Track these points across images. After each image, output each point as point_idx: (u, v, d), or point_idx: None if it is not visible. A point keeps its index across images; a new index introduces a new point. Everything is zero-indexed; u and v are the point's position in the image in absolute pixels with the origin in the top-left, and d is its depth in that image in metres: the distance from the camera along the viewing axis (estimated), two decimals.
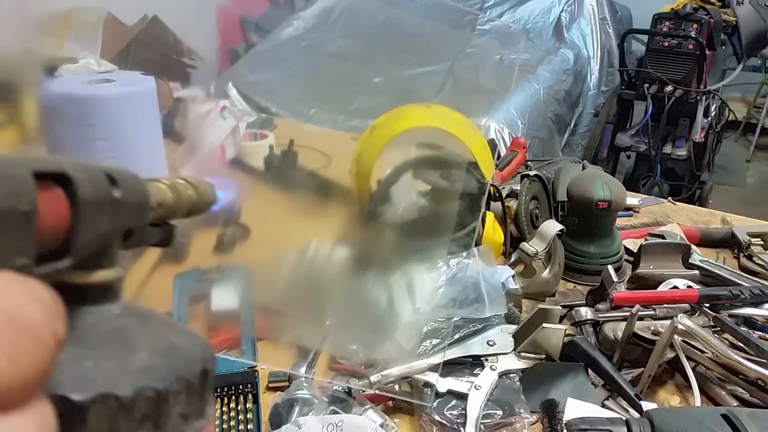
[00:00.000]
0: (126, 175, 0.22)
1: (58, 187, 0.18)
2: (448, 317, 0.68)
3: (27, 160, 0.17)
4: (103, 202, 0.20)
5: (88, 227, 0.19)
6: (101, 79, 0.94)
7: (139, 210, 0.23)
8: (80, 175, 0.19)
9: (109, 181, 0.21)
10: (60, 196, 0.18)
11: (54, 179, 0.18)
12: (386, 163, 0.87)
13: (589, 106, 2.77)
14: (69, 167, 0.19)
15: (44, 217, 0.17)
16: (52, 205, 0.18)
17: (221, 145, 1.06)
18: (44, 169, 0.18)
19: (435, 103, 0.92)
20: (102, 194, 0.20)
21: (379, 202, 0.83)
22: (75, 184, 0.19)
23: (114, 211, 0.21)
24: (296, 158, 1.10)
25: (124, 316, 0.21)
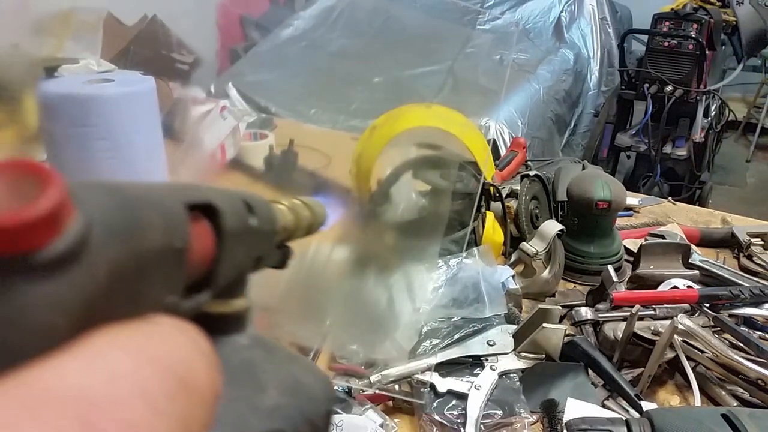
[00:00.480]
0: (259, 201, 0.22)
1: (204, 218, 0.18)
2: (448, 317, 0.68)
3: (177, 190, 0.17)
4: (242, 231, 0.20)
5: (229, 258, 0.19)
6: (101, 79, 0.94)
7: (270, 236, 0.23)
8: (224, 204, 0.19)
9: (247, 209, 0.21)
10: (207, 228, 0.18)
11: (201, 210, 0.18)
12: (386, 163, 0.87)
13: (589, 106, 2.77)
14: (215, 197, 0.19)
15: (192, 252, 0.17)
16: (201, 239, 0.18)
17: (221, 145, 1.06)
18: (194, 200, 0.17)
19: (435, 103, 0.92)
20: (242, 223, 0.20)
21: (379, 202, 0.83)
22: (221, 216, 0.18)
23: (250, 240, 0.21)
24: (296, 158, 1.10)
25: (251, 347, 0.20)
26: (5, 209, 0.12)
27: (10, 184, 0.12)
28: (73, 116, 0.86)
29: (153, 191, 0.16)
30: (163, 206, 0.16)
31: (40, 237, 0.12)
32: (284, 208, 0.25)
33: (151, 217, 0.15)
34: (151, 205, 0.15)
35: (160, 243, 0.15)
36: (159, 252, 0.15)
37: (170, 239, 0.15)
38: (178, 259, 0.16)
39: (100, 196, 0.14)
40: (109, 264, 0.13)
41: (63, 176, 0.13)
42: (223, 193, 0.20)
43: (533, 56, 2.60)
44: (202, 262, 0.18)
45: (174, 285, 0.16)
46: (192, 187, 0.18)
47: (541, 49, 2.69)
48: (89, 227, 0.13)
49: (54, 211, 0.12)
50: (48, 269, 0.12)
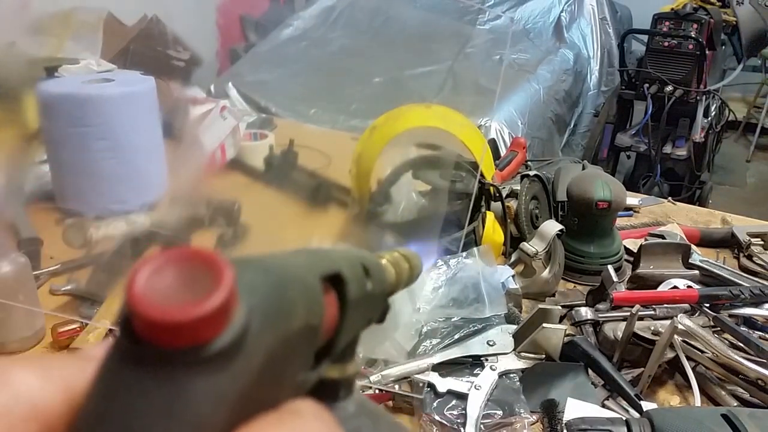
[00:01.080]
0: (374, 264, 0.22)
1: (332, 288, 0.18)
2: (448, 317, 0.68)
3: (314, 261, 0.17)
4: (362, 297, 0.20)
5: (350, 326, 0.19)
6: (101, 79, 0.94)
7: (383, 299, 0.23)
8: (349, 273, 0.18)
9: (365, 273, 0.20)
10: (333, 299, 0.18)
11: (329, 279, 0.18)
12: (386, 163, 0.87)
13: (589, 106, 2.77)
14: (342, 264, 0.18)
15: (326, 322, 0.17)
16: (329, 310, 0.17)
17: (221, 145, 1.06)
18: (327, 272, 0.17)
19: (435, 103, 0.92)
20: (362, 290, 0.20)
21: (379, 202, 0.83)
22: (347, 286, 0.18)
23: (365, 305, 0.21)
24: (296, 158, 1.10)
25: (358, 415, 0.20)
26: (179, 301, 0.12)
27: (183, 274, 0.12)
28: (73, 116, 0.86)
29: (294, 265, 0.16)
30: (304, 283, 0.16)
31: (209, 331, 0.12)
32: (387, 263, 0.25)
33: (296, 297, 0.15)
34: (295, 282, 0.15)
35: (303, 323, 0.15)
36: (301, 332, 0.15)
37: (310, 318, 0.15)
38: (314, 335, 0.16)
39: (257, 278, 0.14)
40: (265, 351, 0.13)
41: (231, 266, 0.13)
42: (347, 258, 0.19)
43: (533, 56, 2.60)
44: (327, 333, 0.18)
45: (307, 361, 0.16)
46: (324, 255, 0.18)
47: (541, 49, 2.69)
48: (251, 317, 0.13)
49: (224, 306, 0.12)
50: (214, 362, 0.12)
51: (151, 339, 0.12)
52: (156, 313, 0.12)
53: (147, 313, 0.12)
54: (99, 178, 0.89)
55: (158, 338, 0.12)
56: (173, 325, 0.12)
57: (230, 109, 1.12)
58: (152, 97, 0.93)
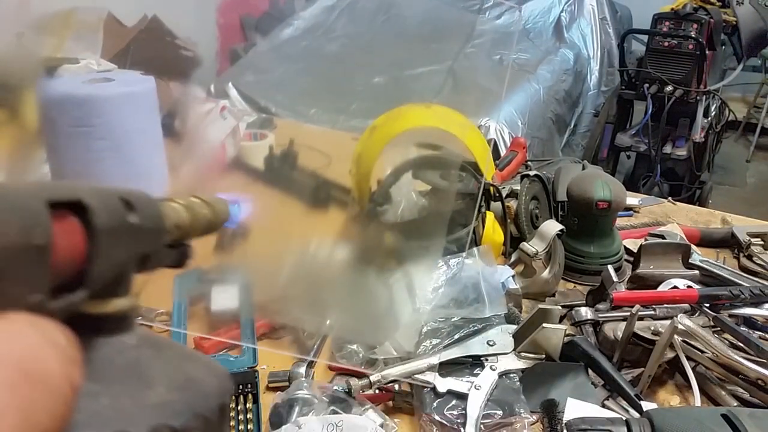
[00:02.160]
0: (142, 198, 0.22)
1: (73, 215, 0.18)
2: (448, 317, 0.68)
3: (40, 188, 0.17)
4: (119, 228, 0.19)
5: (104, 256, 0.18)
6: (101, 79, 0.94)
7: (156, 234, 0.23)
8: (96, 201, 0.18)
9: (125, 206, 0.20)
10: (75, 225, 0.18)
11: (69, 207, 0.18)
12: (386, 163, 0.87)
13: (589, 106, 2.77)
14: (84, 194, 0.18)
15: (59, 249, 0.16)
16: (68, 236, 0.17)
17: (221, 145, 1.06)
18: (58, 197, 0.17)
19: (435, 103, 0.92)
20: (118, 221, 0.19)
21: (379, 202, 0.83)
22: (91, 212, 0.18)
23: (130, 238, 0.20)
24: (296, 158, 1.10)
25: (139, 347, 0.20)
26: None
27: None
28: (73, 116, 0.86)
29: (9, 191, 0.16)
30: (19, 205, 0.15)
31: None
32: (178, 206, 0.25)
33: (3, 216, 0.15)
34: (4, 204, 0.15)
35: (16, 241, 0.15)
36: (16, 250, 0.15)
37: (28, 236, 0.15)
38: (39, 256, 0.16)
39: None
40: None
41: None
42: (95, 190, 0.19)
43: (533, 56, 2.60)
44: (72, 261, 0.17)
45: (37, 283, 0.16)
46: (58, 185, 0.18)
47: (541, 49, 2.69)
48: None
49: None
50: None
51: None
52: None
53: None
54: (99, 178, 0.89)
55: None
56: None
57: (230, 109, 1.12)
58: (152, 96, 0.93)
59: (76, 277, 0.18)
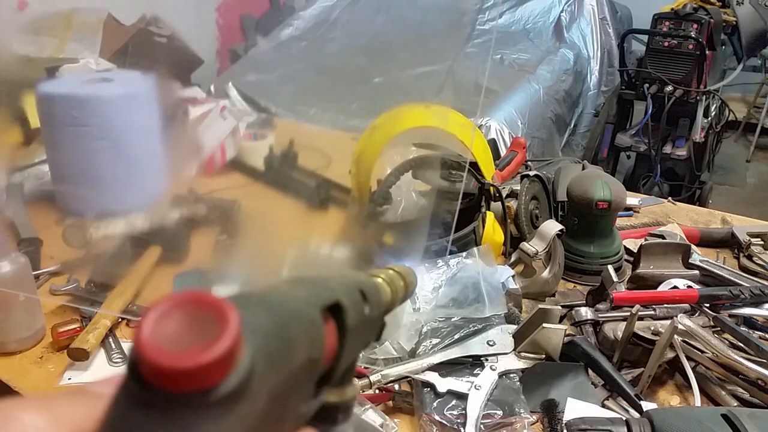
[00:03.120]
0: (371, 287, 0.22)
1: (331, 317, 0.18)
2: (448, 317, 0.68)
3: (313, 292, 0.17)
4: (360, 324, 0.20)
5: (349, 351, 0.19)
6: (100, 79, 0.94)
7: (379, 321, 0.23)
8: (347, 299, 0.18)
9: (362, 298, 0.20)
10: (333, 329, 0.18)
11: (329, 309, 0.18)
12: (386, 163, 0.87)
13: (589, 106, 2.77)
14: (341, 294, 0.18)
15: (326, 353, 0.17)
16: (328, 340, 0.17)
17: (221, 145, 1.06)
18: (326, 302, 0.17)
19: (435, 103, 0.92)
20: (360, 316, 0.20)
21: (379, 202, 0.83)
22: (346, 314, 0.18)
23: (365, 330, 0.21)
24: (296, 158, 1.10)
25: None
26: (186, 347, 0.12)
27: (190, 319, 0.13)
28: (72, 116, 0.86)
29: (294, 299, 0.16)
30: (304, 317, 0.15)
31: (216, 375, 0.12)
32: (382, 282, 0.25)
33: (298, 334, 0.15)
34: (296, 318, 0.15)
35: (305, 358, 0.15)
36: (303, 366, 0.15)
37: (311, 352, 0.15)
38: (315, 367, 0.16)
39: (260, 319, 0.14)
40: (269, 390, 0.13)
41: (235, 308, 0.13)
42: (345, 285, 0.19)
43: (533, 56, 2.60)
44: (328, 362, 0.18)
45: (309, 392, 0.16)
46: (323, 284, 0.18)
47: (541, 49, 2.69)
48: (255, 358, 0.13)
49: (230, 351, 0.12)
50: (220, 405, 0.12)
51: (159, 384, 0.12)
52: (164, 359, 0.12)
53: (155, 359, 0.12)
54: (98, 178, 0.89)
55: (166, 383, 0.12)
56: (181, 371, 0.12)
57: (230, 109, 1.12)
58: (152, 96, 0.93)
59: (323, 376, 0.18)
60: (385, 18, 2.87)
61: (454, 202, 0.79)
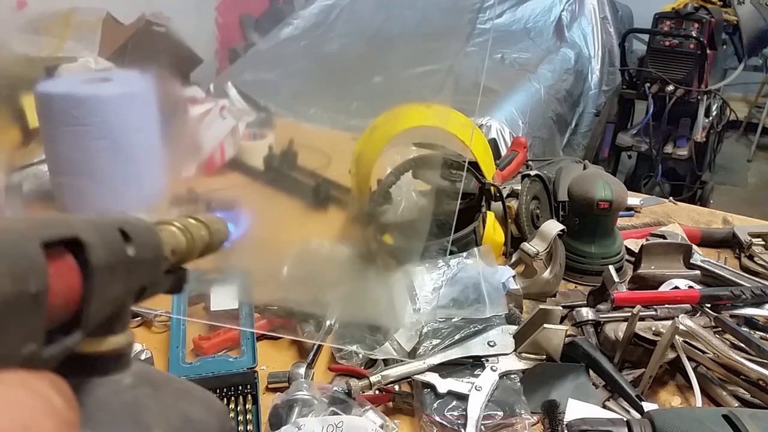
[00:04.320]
0: (139, 226, 0.20)
1: (68, 253, 0.16)
2: (449, 317, 0.68)
3: (34, 226, 0.16)
4: (117, 264, 0.18)
5: (101, 294, 0.17)
6: (99, 78, 0.93)
7: (154, 264, 0.21)
8: (93, 237, 0.17)
9: (123, 237, 0.19)
10: (71, 265, 0.16)
11: (64, 244, 0.16)
12: (386, 163, 0.86)
13: (590, 105, 2.76)
14: (81, 229, 0.17)
15: (54, 293, 0.15)
16: (63, 278, 0.16)
17: (220, 145, 1.06)
18: (54, 236, 0.16)
19: (435, 103, 0.92)
20: (116, 255, 0.18)
21: (379, 202, 0.83)
22: (88, 250, 0.17)
23: (128, 271, 0.19)
24: (296, 158, 1.09)
25: (135, 386, 0.19)
26: None
27: None
28: (71, 115, 0.86)
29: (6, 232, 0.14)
30: (11, 249, 0.14)
31: None
32: (175, 230, 0.24)
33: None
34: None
35: (9, 291, 0.13)
36: (9, 301, 0.13)
37: (23, 285, 0.14)
38: (34, 304, 0.14)
39: None
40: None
41: None
42: (92, 223, 0.18)
43: (534, 55, 2.60)
44: (68, 302, 0.16)
45: (32, 332, 0.15)
46: (53, 221, 0.16)
47: (542, 48, 2.69)
48: None
49: None
50: None
51: None
52: None
53: None
54: (98, 178, 0.89)
55: None
56: None
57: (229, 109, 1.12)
58: (151, 96, 0.93)
59: (70, 318, 0.17)
60: (385, 17, 2.86)
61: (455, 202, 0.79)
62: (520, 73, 2.45)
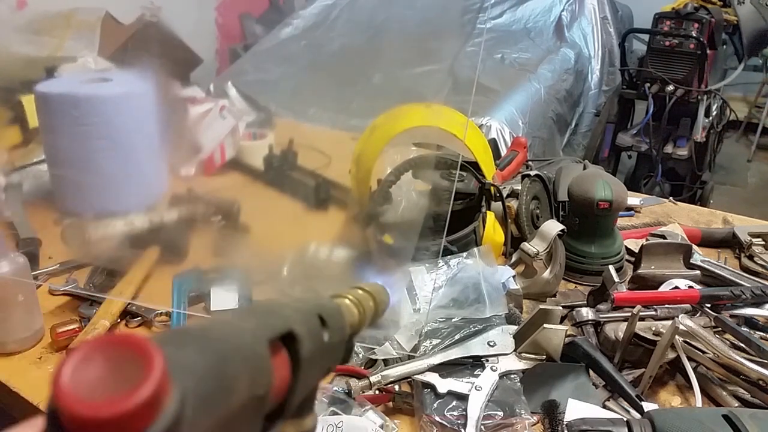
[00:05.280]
0: (332, 311, 0.21)
1: (283, 347, 0.17)
2: (449, 317, 0.68)
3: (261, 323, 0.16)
4: (317, 351, 0.19)
5: (305, 382, 0.18)
6: (99, 79, 0.93)
7: (341, 345, 0.22)
8: (302, 327, 0.17)
9: (321, 324, 0.19)
10: (285, 358, 0.17)
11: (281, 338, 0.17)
12: (386, 163, 0.86)
13: (590, 105, 2.76)
14: (294, 321, 0.17)
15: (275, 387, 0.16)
16: (279, 372, 0.17)
17: (220, 145, 1.06)
18: (277, 333, 0.16)
19: (435, 103, 0.92)
20: (317, 343, 0.19)
21: (379, 202, 0.83)
22: (300, 343, 0.17)
23: (323, 356, 0.19)
24: (296, 158, 1.10)
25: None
26: (106, 394, 0.11)
27: (111, 363, 0.12)
28: (71, 115, 0.86)
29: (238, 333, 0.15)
30: (248, 352, 0.15)
31: (140, 423, 0.12)
32: (350, 304, 0.24)
33: (238, 371, 0.14)
34: (238, 353, 0.14)
35: (246, 397, 0.14)
36: (245, 405, 0.14)
37: (255, 389, 0.15)
38: (260, 405, 0.15)
39: (192, 358, 0.13)
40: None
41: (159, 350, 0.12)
42: (300, 312, 0.18)
43: (534, 55, 2.60)
44: (279, 395, 0.17)
45: (255, 428, 0.15)
46: (275, 313, 0.17)
47: (542, 48, 2.69)
48: (185, 402, 0.12)
49: (153, 397, 0.12)
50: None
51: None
52: (83, 408, 0.11)
53: (74, 408, 0.11)
54: (97, 178, 0.89)
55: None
56: (101, 421, 0.11)
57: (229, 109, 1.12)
58: (150, 96, 0.93)
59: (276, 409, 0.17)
60: (385, 17, 2.86)
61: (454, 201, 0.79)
62: (520, 73, 2.45)
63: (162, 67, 0.89)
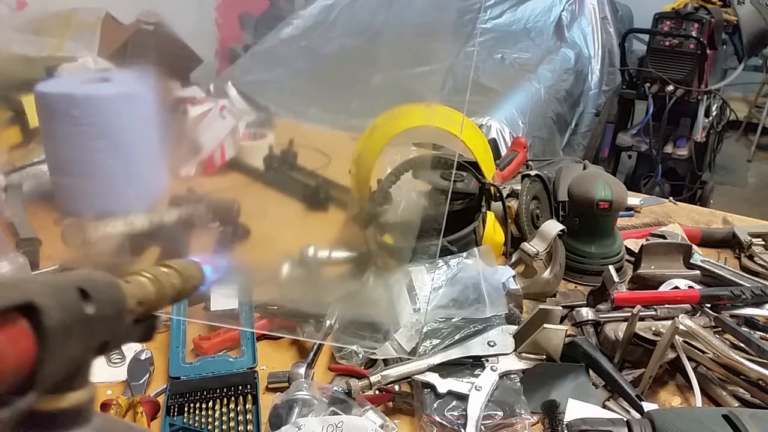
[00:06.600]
0: (101, 283, 0.20)
1: (22, 318, 0.17)
2: (449, 317, 0.68)
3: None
4: (73, 324, 0.18)
5: (57, 355, 0.17)
6: (99, 79, 0.93)
7: (116, 320, 0.22)
8: (48, 299, 0.17)
9: (81, 296, 0.19)
10: (24, 330, 0.17)
11: (19, 310, 0.17)
12: (386, 163, 0.86)
13: (590, 105, 2.76)
14: (36, 293, 0.17)
15: (5, 359, 0.16)
16: (15, 343, 0.16)
17: (220, 145, 1.06)
18: (6, 303, 0.16)
19: (435, 103, 0.92)
20: (73, 315, 0.18)
21: (379, 202, 0.83)
22: (42, 313, 0.17)
23: (87, 329, 0.19)
24: (296, 158, 1.10)
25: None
26: None
27: None
28: (72, 115, 0.86)
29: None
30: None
31: None
32: (144, 280, 0.24)
33: None
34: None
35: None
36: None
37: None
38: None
39: None
40: None
41: None
42: (50, 284, 0.18)
43: (534, 55, 2.60)
44: (20, 366, 0.16)
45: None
46: (7, 285, 0.17)
47: (542, 48, 2.69)
48: None
49: None
50: None
51: None
52: None
53: None
54: (97, 178, 0.89)
55: None
56: None
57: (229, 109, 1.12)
58: (150, 96, 0.93)
59: (25, 382, 0.17)
60: (385, 17, 2.86)
61: (454, 201, 0.79)
62: (520, 73, 2.45)
63: (162, 68, 0.89)
